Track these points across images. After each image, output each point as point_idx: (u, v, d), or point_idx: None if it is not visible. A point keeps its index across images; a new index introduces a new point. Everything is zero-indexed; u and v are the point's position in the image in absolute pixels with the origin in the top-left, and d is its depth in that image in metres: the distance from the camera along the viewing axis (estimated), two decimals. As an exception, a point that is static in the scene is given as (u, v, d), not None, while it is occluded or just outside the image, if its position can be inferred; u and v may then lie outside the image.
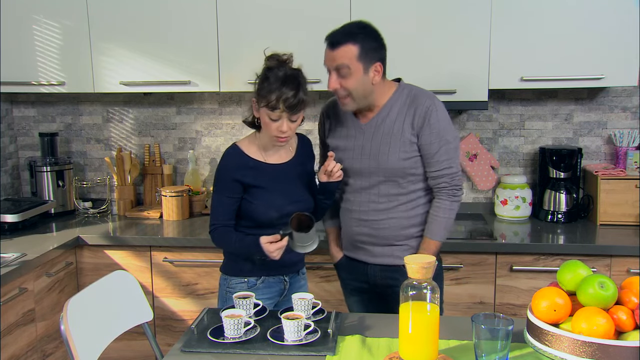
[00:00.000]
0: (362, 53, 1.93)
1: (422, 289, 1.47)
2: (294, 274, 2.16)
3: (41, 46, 2.96)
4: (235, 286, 2.08)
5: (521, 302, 2.63)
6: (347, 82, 1.96)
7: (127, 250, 2.81)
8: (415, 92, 2.05)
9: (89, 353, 1.72)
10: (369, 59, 1.95)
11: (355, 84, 1.96)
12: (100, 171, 3.44)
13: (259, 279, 2.09)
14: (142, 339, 2.65)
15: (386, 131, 2.03)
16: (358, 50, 1.93)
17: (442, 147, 2.00)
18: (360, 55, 1.93)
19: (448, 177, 2.02)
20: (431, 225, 2.06)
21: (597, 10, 2.65)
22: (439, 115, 1.99)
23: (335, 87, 1.98)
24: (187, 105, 3.33)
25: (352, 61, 1.93)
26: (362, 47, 1.93)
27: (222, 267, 2.17)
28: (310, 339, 1.67)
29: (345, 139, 2.11)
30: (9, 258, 2.43)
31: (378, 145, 2.03)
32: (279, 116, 1.91)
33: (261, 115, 1.96)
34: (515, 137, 3.16)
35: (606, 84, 2.72)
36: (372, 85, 1.99)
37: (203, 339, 1.70)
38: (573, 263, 1.58)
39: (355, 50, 1.93)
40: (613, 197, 2.84)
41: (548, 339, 1.47)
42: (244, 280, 2.08)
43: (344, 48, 1.93)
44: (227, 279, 2.11)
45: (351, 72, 1.94)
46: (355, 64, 1.94)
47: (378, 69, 1.97)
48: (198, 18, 2.84)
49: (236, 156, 2.04)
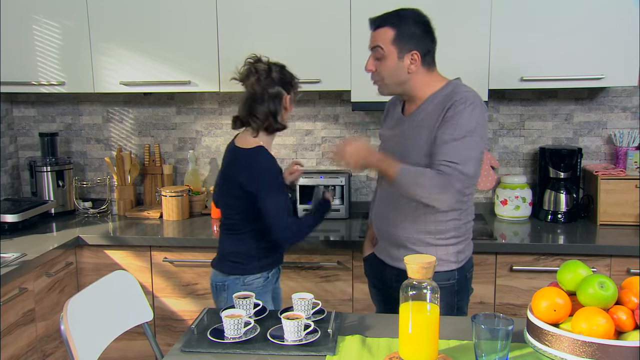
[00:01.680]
0: (398, 37, 1.90)
1: (422, 289, 1.47)
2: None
3: (41, 46, 2.96)
4: (252, 282, 2.15)
5: (521, 302, 2.63)
6: (381, 65, 1.94)
7: (127, 250, 2.81)
8: (460, 87, 1.94)
9: (89, 353, 1.72)
10: (405, 44, 1.91)
11: (387, 69, 1.93)
12: (100, 171, 3.44)
13: (270, 271, 2.19)
14: (142, 339, 2.65)
15: (417, 125, 1.94)
16: (394, 34, 1.90)
17: (456, 141, 1.81)
18: (395, 39, 1.90)
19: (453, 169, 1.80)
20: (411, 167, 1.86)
21: (597, 10, 2.65)
22: (466, 108, 1.83)
23: (370, 69, 1.97)
24: (187, 105, 3.33)
25: (387, 44, 1.91)
26: (399, 31, 1.90)
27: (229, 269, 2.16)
28: (310, 339, 1.66)
29: (388, 129, 2.11)
30: (9, 258, 2.43)
31: (408, 138, 1.96)
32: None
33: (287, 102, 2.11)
34: (515, 137, 3.16)
35: (606, 84, 2.72)
36: (408, 74, 1.93)
37: (203, 339, 1.70)
38: (573, 263, 1.58)
39: (391, 33, 1.91)
40: (613, 197, 2.84)
41: (548, 339, 1.47)
42: (259, 276, 2.16)
43: (381, 30, 1.93)
44: (240, 278, 2.14)
45: (385, 55, 1.92)
46: (389, 47, 1.91)
47: (414, 57, 1.91)
48: (198, 18, 2.85)
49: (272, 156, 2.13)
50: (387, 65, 1.93)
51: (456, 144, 1.82)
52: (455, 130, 1.83)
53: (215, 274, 2.22)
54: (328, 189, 3.04)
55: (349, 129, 3.23)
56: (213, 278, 2.23)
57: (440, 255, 1.96)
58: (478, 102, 1.88)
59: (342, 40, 2.77)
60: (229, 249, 2.19)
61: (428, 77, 1.97)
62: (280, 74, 2.09)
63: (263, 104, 2.07)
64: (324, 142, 3.25)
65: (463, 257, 2.03)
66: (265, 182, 2.05)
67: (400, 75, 1.94)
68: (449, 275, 1.99)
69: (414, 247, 1.99)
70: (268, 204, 2.04)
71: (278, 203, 2.06)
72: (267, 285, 2.19)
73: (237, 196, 2.09)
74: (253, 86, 2.07)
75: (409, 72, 1.93)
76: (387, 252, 2.09)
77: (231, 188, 2.11)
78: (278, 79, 2.08)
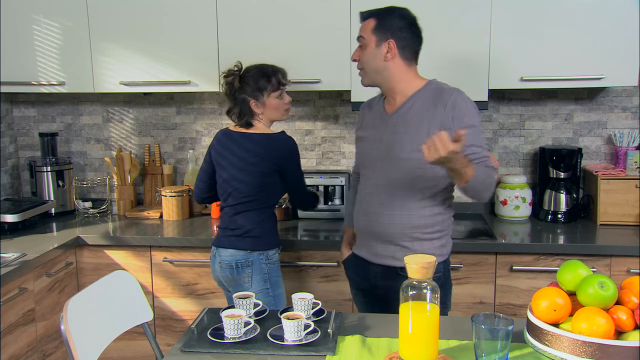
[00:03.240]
0: (378, 26, 2.00)
1: (422, 289, 1.47)
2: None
3: (41, 46, 2.96)
4: (272, 257, 2.39)
5: (521, 302, 2.63)
6: (362, 53, 2.03)
7: (127, 250, 2.81)
8: (442, 86, 2.04)
9: (89, 353, 1.72)
10: (383, 33, 1.99)
11: (367, 56, 2.02)
12: (100, 171, 3.44)
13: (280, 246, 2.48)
14: (142, 339, 2.66)
15: (406, 122, 2.00)
16: (375, 23, 2.00)
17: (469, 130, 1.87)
18: (375, 27, 2.00)
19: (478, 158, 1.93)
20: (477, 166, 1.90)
21: (597, 10, 2.65)
22: (465, 102, 1.97)
23: (354, 59, 2.07)
24: (187, 105, 3.33)
25: (368, 33, 2.01)
26: (380, 21, 2.00)
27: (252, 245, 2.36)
28: (310, 339, 1.67)
29: (369, 129, 2.13)
30: (9, 258, 2.43)
31: (395, 135, 2.01)
32: (282, 91, 2.38)
33: (269, 102, 2.36)
34: (515, 137, 3.16)
35: (606, 84, 2.72)
36: (384, 62, 2.00)
37: (203, 339, 1.70)
38: (573, 263, 1.58)
39: (373, 23, 2.01)
40: (613, 197, 2.84)
41: (548, 339, 1.47)
42: (276, 251, 2.43)
43: (366, 21, 2.04)
44: (263, 253, 2.36)
45: (366, 43, 2.02)
46: (369, 35, 2.01)
47: (390, 46, 1.99)
48: (198, 18, 2.85)
49: None
50: (366, 53, 2.03)
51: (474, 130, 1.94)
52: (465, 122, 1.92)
53: (233, 254, 2.36)
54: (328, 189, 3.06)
55: (349, 129, 3.23)
56: (231, 258, 2.36)
57: (425, 249, 2.01)
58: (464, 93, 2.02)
59: (342, 41, 2.77)
60: (251, 225, 2.37)
61: (407, 72, 2.04)
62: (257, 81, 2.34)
63: (235, 107, 2.40)
64: (324, 142, 3.25)
65: (446, 251, 2.09)
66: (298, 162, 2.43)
67: (377, 63, 2.01)
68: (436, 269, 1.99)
69: (401, 242, 2.02)
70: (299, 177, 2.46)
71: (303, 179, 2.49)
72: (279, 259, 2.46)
73: (268, 174, 2.35)
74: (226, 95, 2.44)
75: (385, 60, 2.00)
76: (370, 249, 2.10)
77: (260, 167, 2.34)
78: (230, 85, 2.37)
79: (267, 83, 2.34)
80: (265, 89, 2.34)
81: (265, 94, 2.35)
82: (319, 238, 2.74)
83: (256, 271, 2.35)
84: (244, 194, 2.37)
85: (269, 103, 2.37)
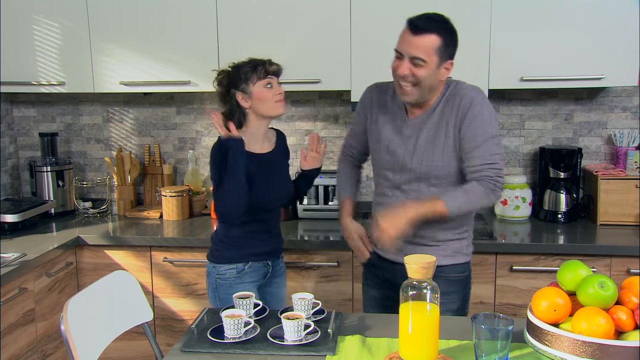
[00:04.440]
0: (442, 47, 1.85)
1: (422, 289, 1.47)
2: (275, 258, 2.28)
3: (41, 46, 2.96)
4: (224, 273, 2.17)
5: (521, 302, 2.63)
6: (419, 72, 1.86)
7: (127, 250, 2.81)
8: (458, 86, 1.96)
9: (89, 353, 1.72)
10: (445, 54, 1.87)
11: (425, 75, 1.86)
12: (100, 171, 3.44)
13: (246, 264, 2.17)
14: (142, 338, 2.65)
15: (431, 131, 1.95)
16: (440, 42, 1.85)
17: (487, 141, 1.87)
18: (440, 48, 1.85)
19: (491, 170, 1.88)
20: (451, 192, 1.90)
21: (597, 10, 2.65)
22: (483, 108, 1.89)
23: (404, 73, 1.87)
24: (187, 105, 3.33)
25: (430, 52, 1.84)
26: (444, 40, 1.85)
27: (209, 256, 2.23)
28: (310, 339, 1.67)
29: (393, 131, 2.03)
30: (9, 258, 2.43)
31: (423, 144, 1.96)
32: (272, 81, 2.13)
33: (256, 92, 2.11)
34: (515, 137, 3.16)
35: (606, 84, 2.72)
36: (439, 82, 1.92)
37: (203, 339, 1.70)
38: (573, 263, 1.58)
39: (438, 42, 1.85)
40: (613, 197, 2.84)
41: (548, 339, 1.47)
42: (233, 267, 2.16)
43: (427, 37, 1.84)
44: (216, 266, 2.18)
45: (426, 64, 1.85)
46: (432, 56, 1.85)
47: (448, 67, 1.90)
48: (198, 18, 2.84)
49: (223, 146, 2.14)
50: (424, 72, 1.86)
51: (486, 145, 1.88)
52: (483, 133, 1.88)
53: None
54: (328, 188, 3.06)
55: (349, 129, 3.23)
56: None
57: (455, 248, 2.03)
58: (483, 94, 1.95)
59: (342, 40, 2.77)
60: (214, 234, 2.27)
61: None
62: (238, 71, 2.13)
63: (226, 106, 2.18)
64: (324, 142, 3.25)
65: (470, 250, 2.10)
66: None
67: (433, 82, 1.90)
68: (464, 268, 2.07)
69: (434, 243, 2.01)
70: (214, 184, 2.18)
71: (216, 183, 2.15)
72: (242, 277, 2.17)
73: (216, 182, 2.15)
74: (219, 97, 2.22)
75: (440, 80, 1.92)
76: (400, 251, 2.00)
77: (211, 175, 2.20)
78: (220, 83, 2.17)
79: (252, 71, 2.11)
80: (251, 78, 2.11)
81: (251, 84, 2.12)
82: (319, 238, 2.74)
83: (209, 284, 2.21)
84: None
85: (256, 93, 2.12)
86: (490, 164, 1.88)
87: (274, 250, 2.27)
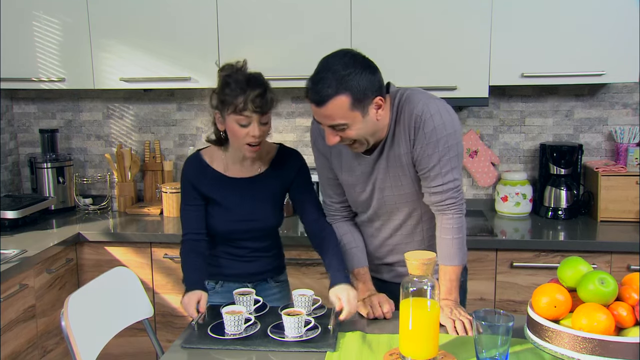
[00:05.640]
0: (355, 101, 1.64)
1: (423, 286, 1.47)
2: (260, 282, 2.06)
3: (41, 42, 2.96)
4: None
5: (521, 298, 2.63)
6: (347, 134, 1.69)
7: (128, 246, 2.81)
8: (404, 100, 1.76)
9: (89, 349, 1.72)
10: (364, 100, 1.65)
11: (356, 132, 1.69)
12: (100, 167, 3.44)
13: (217, 283, 2.04)
14: (142, 335, 2.65)
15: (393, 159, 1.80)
16: (350, 99, 1.63)
17: (443, 157, 1.73)
18: (352, 103, 1.63)
19: (453, 191, 1.77)
20: (447, 250, 1.80)
21: (598, 6, 2.64)
22: (434, 120, 1.71)
23: (335, 142, 1.72)
24: (187, 102, 3.33)
25: (346, 113, 1.64)
26: (353, 94, 1.62)
27: None
28: (310, 336, 1.67)
29: (351, 173, 1.88)
30: (10, 254, 2.43)
31: (390, 177, 1.83)
32: (249, 120, 1.78)
33: (228, 124, 1.81)
34: (515, 134, 3.16)
35: (607, 80, 2.72)
36: (377, 121, 1.71)
37: (203, 335, 1.70)
38: (573, 259, 1.58)
39: (347, 101, 1.63)
40: (613, 193, 2.84)
41: (548, 335, 1.47)
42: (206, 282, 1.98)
43: (333, 102, 1.63)
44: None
45: (348, 124, 1.67)
46: (349, 115, 1.65)
47: (379, 103, 1.69)
48: (198, 14, 2.84)
49: (195, 163, 1.97)
50: (354, 131, 1.68)
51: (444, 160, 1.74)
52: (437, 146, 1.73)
53: None
54: None
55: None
56: None
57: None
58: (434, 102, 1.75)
59: (342, 36, 2.77)
60: None
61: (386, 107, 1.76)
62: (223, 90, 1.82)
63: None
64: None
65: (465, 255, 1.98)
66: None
67: (370, 127, 1.71)
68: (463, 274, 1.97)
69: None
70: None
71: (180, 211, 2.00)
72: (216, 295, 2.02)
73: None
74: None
75: (377, 120, 1.71)
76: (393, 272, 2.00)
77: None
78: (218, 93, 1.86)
79: (233, 99, 1.77)
80: (229, 104, 1.78)
81: (227, 111, 1.79)
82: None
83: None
84: None
85: (228, 125, 1.82)
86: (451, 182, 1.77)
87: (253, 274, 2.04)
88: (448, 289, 1.81)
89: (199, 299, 1.78)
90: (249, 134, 1.80)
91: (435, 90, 2.20)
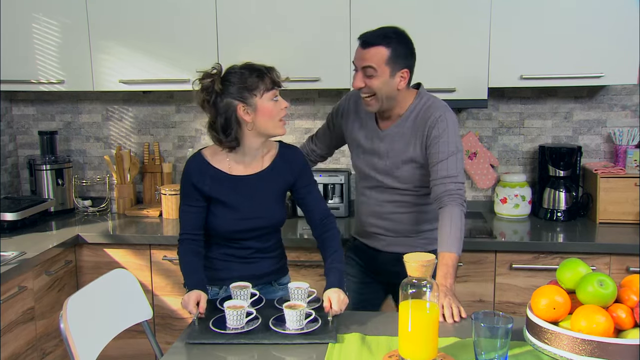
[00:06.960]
0: (392, 57, 1.97)
1: (422, 287, 1.47)
2: (264, 284, 2.05)
3: (41, 44, 2.96)
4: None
5: (520, 300, 2.63)
6: (372, 82, 1.99)
7: (127, 248, 2.81)
8: (429, 103, 2.07)
9: (88, 351, 1.72)
10: (397, 64, 1.98)
11: (379, 85, 1.99)
12: (99, 169, 3.44)
13: (220, 288, 2.02)
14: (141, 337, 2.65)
15: (399, 144, 2.08)
16: (388, 53, 1.96)
17: (451, 156, 2.00)
18: (389, 59, 1.97)
19: (456, 184, 1.99)
20: (447, 238, 1.91)
21: (597, 9, 2.65)
22: (448, 125, 2.01)
23: (359, 86, 2.01)
24: (186, 104, 3.33)
25: (380, 63, 1.96)
26: (392, 51, 1.97)
27: None
28: (311, 328, 1.69)
29: (365, 139, 2.17)
30: (9, 256, 2.43)
31: (394, 154, 2.09)
32: (276, 93, 1.89)
33: (262, 106, 1.84)
34: (514, 136, 3.16)
35: (606, 82, 2.72)
36: (397, 91, 2.02)
37: (206, 330, 1.71)
38: (572, 261, 1.58)
39: (386, 53, 1.96)
40: (612, 195, 2.84)
41: (547, 337, 1.47)
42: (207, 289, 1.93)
43: (375, 49, 1.97)
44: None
45: (377, 74, 1.97)
46: (382, 66, 1.97)
47: (404, 76, 2.01)
48: (197, 16, 2.84)
49: (197, 163, 1.97)
50: (378, 82, 1.99)
51: (452, 159, 1.99)
52: (447, 147, 1.99)
53: None
54: (328, 187, 3.05)
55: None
56: None
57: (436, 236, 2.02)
58: (450, 112, 2.05)
59: (341, 39, 2.77)
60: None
61: (406, 92, 2.07)
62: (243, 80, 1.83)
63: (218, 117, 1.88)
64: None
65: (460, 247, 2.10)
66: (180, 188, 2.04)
67: (390, 91, 2.01)
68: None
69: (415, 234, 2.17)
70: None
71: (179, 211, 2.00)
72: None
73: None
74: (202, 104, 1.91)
75: (398, 89, 2.02)
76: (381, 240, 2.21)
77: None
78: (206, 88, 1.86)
79: (259, 80, 1.83)
80: (257, 87, 1.83)
81: (257, 95, 1.83)
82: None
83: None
84: None
85: (262, 107, 1.84)
86: (452, 177, 1.98)
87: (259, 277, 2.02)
88: (444, 274, 1.88)
89: (199, 299, 1.80)
90: (281, 107, 1.91)
91: (434, 92, 2.21)
